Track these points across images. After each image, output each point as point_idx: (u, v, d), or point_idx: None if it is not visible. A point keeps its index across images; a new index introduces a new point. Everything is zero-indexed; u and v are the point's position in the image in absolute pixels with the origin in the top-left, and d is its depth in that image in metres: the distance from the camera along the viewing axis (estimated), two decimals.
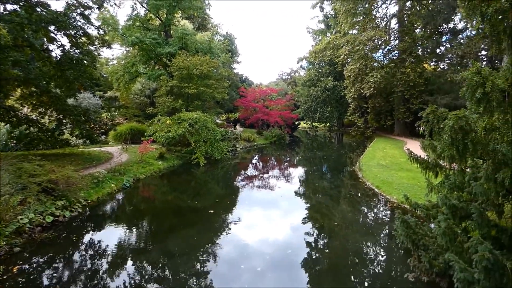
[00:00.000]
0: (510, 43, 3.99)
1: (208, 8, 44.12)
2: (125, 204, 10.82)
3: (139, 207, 10.54)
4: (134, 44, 22.93)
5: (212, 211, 9.76)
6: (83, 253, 6.82)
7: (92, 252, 6.86)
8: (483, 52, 25.58)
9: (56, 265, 6.26)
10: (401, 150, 19.83)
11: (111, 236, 7.72)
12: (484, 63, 25.61)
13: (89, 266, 6.22)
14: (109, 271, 6.03)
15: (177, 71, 21.78)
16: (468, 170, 5.50)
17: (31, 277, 5.72)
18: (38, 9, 11.07)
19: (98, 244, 7.30)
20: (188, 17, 36.79)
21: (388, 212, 9.63)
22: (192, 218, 9.07)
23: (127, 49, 27.86)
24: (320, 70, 42.80)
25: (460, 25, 27.29)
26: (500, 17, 3.76)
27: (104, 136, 21.96)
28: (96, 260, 6.46)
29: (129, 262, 6.39)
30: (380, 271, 6.10)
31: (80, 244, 7.22)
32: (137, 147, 16.81)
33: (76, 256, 6.65)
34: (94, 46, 13.51)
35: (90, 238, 7.61)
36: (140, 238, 7.72)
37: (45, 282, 5.60)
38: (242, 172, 17.24)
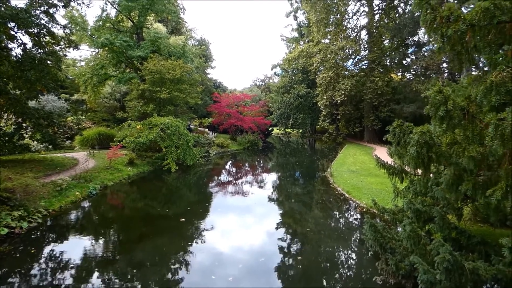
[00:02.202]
0: (467, 60, 4.30)
1: (182, 12, 43.90)
2: (91, 213, 10.33)
3: (106, 215, 10.10)
4: (103, 45, 22.19)
5: (183, 218, 9.56)
6: (43, 266, 6.41)
7: (53, 266, 6.46)
8: (444, 65, 27.36)
9: (11, 280, 5.83)
10: (370, 156, 20.59)
11: (74, 247, 7.32)
12: (446, 74, 27.38)
13: (49, 280, 5.85)
14: (71, 286, 5.70)
15: (149, 75, 21.36)
16: (431, 175, 5.81)
17: None
18: None
19: (60, 256, 6.90)
20: (162, 20, 36.27)
21: (358, 216, 9.90)
22: (162, 227, 8.83)
23: (96, 50, 26.89)
24: (293, 77, 43.73)
25: (425, 38, 29.11)
26: (459, 38, 4.04)
27: (69, 141, 20.96)
28: (57, 275, 6.08)
29: (95, 275, 6.09)
30: (351, 275, 6.25)
31: (38, 258, 6.78)
32: (105, 152, 16.21)
33: (35, 271, 6.23)
34: (60, 46, 12.92)
35: (51, 251, 7.17)
36: (106, 248, 7.38)
37: None
38: (215, 178, 17.10)
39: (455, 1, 16.86)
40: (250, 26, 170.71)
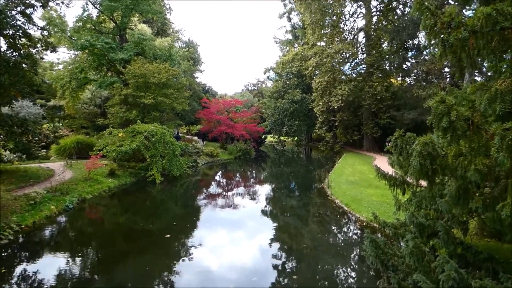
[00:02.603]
0: (470, 64, 4.39)
1: (168, 13, 44.04)
2: (67, 229, 10.11)
3: (84, 231, 9.90)
4: (83, 48, 22.07)
5: (168, 235, 9.43)
6: None
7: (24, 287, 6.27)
8: (446, 69, 27.96)
9: None
10: (370, 166, 20.65)
11: (48, 267, 7.12)
12: (448, 79, 27.95)
13: None
14: None
15: (132, 79, 21.28)
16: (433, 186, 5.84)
17: None
18: None
19: (33, 277, 6.70)
20: (147, 21, 36.34)
21: (358, 231, 9.88)
22: (145, 244, 8.68)
23: (76, 53, 26.72)
24: (287, 82, 43.54)
25: (425, 42, 29.75)
26: (461, 45, 4.12)
27: (45, 150, 20.61)
28: None
29: None
30: None
31: (8, 278, 6.57)
32: (84, 163, 15.94)
33: None
34: (36, 49, 12.84)
35: (23, 271, 6.97)
36: (84, 268, 7.20)
37: None
38: (204, 190, 16.99)
39: (456, 3, 17.38)
40: (242, 27, 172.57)
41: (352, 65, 33.58)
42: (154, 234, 9.53)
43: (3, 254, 7.72)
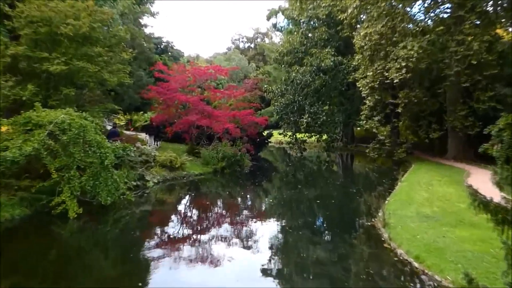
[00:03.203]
0: None
1: None
2: None
3: None
4: None
5: None
6: None
7: None
8: None
9: None
10: (460, 187, 15.99)
11: None
12: None
13: None
14: None
15: (27, 28, 16.92)
16: None
17: None
18: None
19: None
20: None
21: None
22: None
23: None
24: (310, 35, 31.63)
25: None
26: None
27: None
28: None
29: None
30: None
31: None
32: None
33: None
34: None
35: None
36: None
37: None
38: (157, 231, 13.16)
39: None
40: None
41: (426, 5, 24.04)
42: None
43: None
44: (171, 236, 12.27)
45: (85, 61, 17.37)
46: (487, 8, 21.90)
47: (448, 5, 22.64)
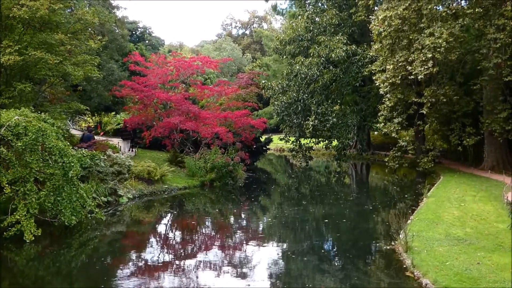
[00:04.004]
0: None
1: None
2: None
3: None
4: None
5: None
6: None
7: None
8: None
9: None
10: (499, 203, 14.66)
11: None
12: None
13: None
14: None
15: None
16: None
17: None
18: None
19: None
20: None
21: None
22: None
23: None
24: (317, 19, 27.54)
25: None
26: None
27: None
28: None
29: None
30: None
31: None
32: None
33: None
34: None
35: None
36: None
37: None
38: (133, 257, 11.43)
39: None
40: None
41: None
42: None
43: None
44: (149, 263, 10.67)
45: (44, 50, 15.75)
46: None
47: None
